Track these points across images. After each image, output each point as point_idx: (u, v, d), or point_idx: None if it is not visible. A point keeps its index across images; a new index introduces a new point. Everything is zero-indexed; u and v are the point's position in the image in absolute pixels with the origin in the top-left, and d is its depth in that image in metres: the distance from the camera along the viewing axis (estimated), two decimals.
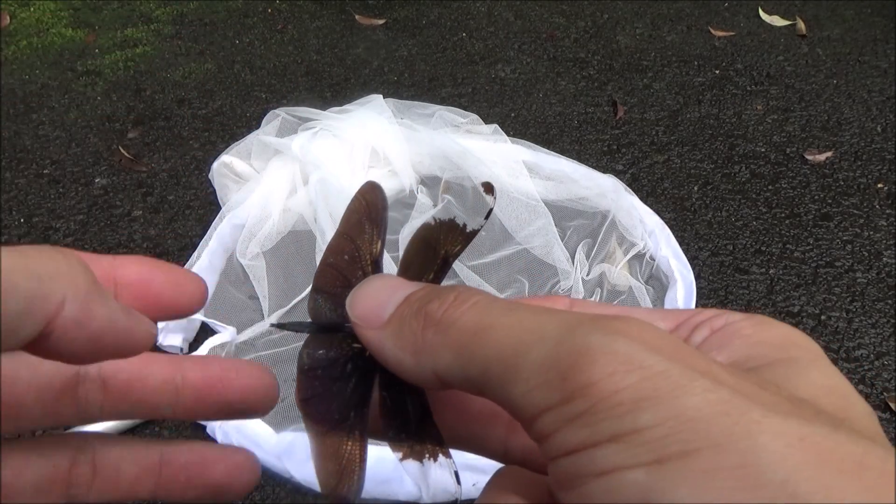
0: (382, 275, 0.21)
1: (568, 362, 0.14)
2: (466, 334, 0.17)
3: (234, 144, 1.22)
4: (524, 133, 1.37)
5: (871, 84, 1.54)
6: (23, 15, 1.79)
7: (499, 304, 0.17)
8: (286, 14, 1.80)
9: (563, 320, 0.16)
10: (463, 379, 0.17)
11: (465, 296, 0.17)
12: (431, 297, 0.18)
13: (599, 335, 0.15)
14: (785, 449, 0.13)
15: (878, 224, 1.21)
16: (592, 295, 1.05)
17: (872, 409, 0.16)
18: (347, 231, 0.22)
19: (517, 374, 0.15)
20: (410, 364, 0.18)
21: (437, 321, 0.17)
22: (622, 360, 0.14)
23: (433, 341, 0.17)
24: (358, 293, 0.20)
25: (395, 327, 0.18)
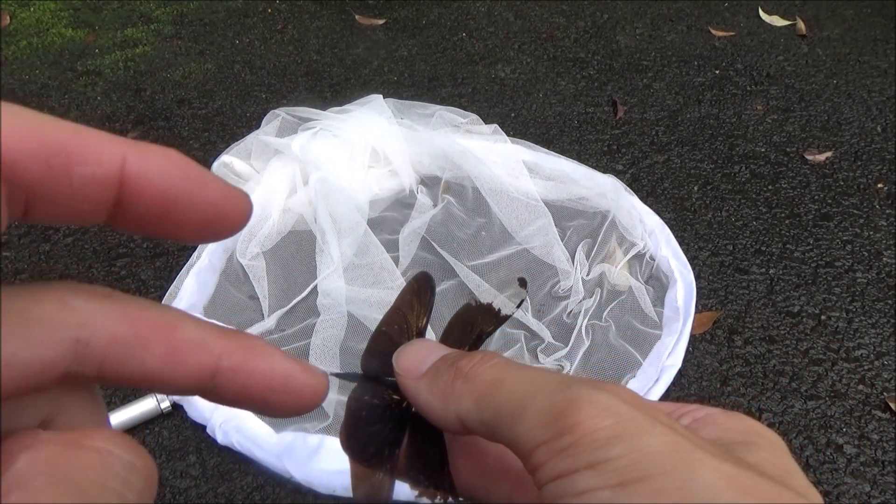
0: (424, 339, 0.25)
1: (561, 407, 0.18)
2: (485, 385, 0.20)
3: (234, 144, 1.22)
4: (524, 133, 1.37)
5: (871, 84, 1.54)
6: (23, 15, 1.78)
7: (514, 365, 0.21)
8: (286, 14, 1.80)
9: (562, 379, 0.19)
10: (479, 421, 0.20)
11: (489, 357, 0.22)
12: (462, 356, 0.22)
13: (588, 389, 0.18)
14: (716, 480, 0.16)
15: (878, 224, 1.21)
16: (592, 295, 1.05)
17: (816, 492, 0.19)
18: (400, 307, 0.27)
19: (522, 416, 0.19)
20: (439, 408, 0.21)
21: (465, 374, 0.21)
22: (602, 408, 0.18)
23: (459, 390, 0.21)
24: (403, 350, 0.24)
25: (431, 378, 0.22)
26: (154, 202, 0.14)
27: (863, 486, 0.86)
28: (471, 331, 0.26)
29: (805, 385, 0.97)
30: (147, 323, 0.15)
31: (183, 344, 0.15)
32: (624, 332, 1.01)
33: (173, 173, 0.14)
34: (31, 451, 0.13)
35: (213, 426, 0.86)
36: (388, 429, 0.24)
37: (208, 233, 0.16)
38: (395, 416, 0.24)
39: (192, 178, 0.15)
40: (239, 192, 0.16)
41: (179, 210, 0.15)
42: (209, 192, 0.15)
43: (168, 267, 1.11)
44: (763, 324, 1.05)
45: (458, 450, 0.24)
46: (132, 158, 0.14)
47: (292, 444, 0.83)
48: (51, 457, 0.13)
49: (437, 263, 1.10)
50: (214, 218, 0.15)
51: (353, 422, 0.24)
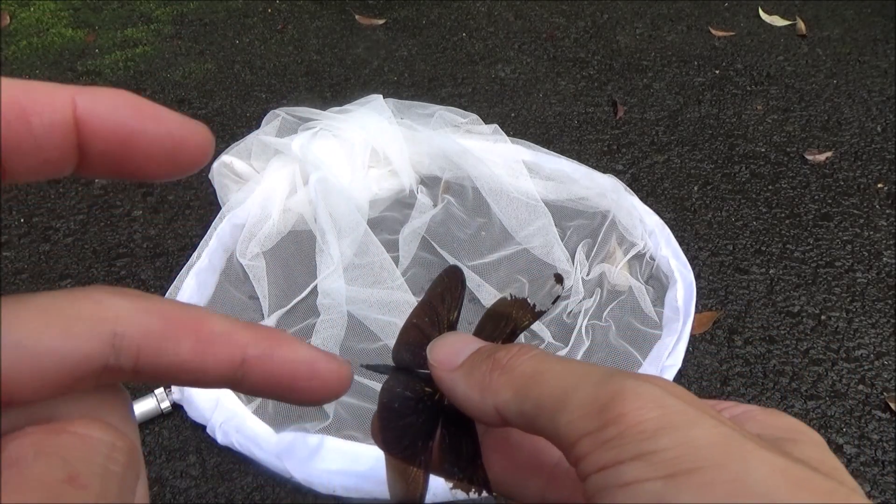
0: (458, 332, 0.25)
1: (606, 398, 0.18)
2: (525, 376, 0.20)
3: (234, 144, 1.22)
4: (524, 133, 1.37)
5: (871, 84, 1.54)
6: (23, 15, 1.78)
7: (554, 357, 0.21)
8: (286, 14, 1.80)
9: (605, 370, 0.19)
10: (518, 413, 0.20)
11: (527, 348, 0.22)
12: (499, 348, 0.22)
13: (632, 380, 0.18)
14: (769, 472, 0.16)
15: (878, 224, 1.21)
16: (592, 295, 1.05)
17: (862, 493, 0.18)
18: (431, 300, 0.27)
19: (564, 407, 0.19)
20: (476, 399, 0.21)
21: (503, 366, 0.21)
22: (648, 399, 0.18)
23: (498, 381, 0.21)
24: (437, 342, 0.24)
25: (467, 369, 0.22)
26: (111, 139, 0.15)
27: (863, 486, 0.86)
28: (505, 325, 0.26)
29: (805, 385, 0.97)
30: (176, 318, 0.16)
31: (211, 336, 0.16)
32: (624, 332, 1.01)
33: (124, 109, 0.15)
34: (18, 438, 0.14)
35: (213, 426, 0.86)
36: (421, 421, 0.24)
37: (172, 166, 0.16)
38: (428, 408, 0.24)
39: (144, 112, 0.15)
40: (196, 123, 0.16)
41: (138, 145, 0.15)
42: (165, 125, 0.15)
43: (168, 267, 1.11)
44: (763, 324, 1.05)
45: (489, 443, 0.24)
46: (81, 100, 0.14)
47: (292, 444, 0.83)
48: (36, 440, 0.14)
49: (437, 263, 1.10)
50: (174, 149, 0.15)
51: (386, 414, 0.24)
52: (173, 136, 0.15)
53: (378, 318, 0.99)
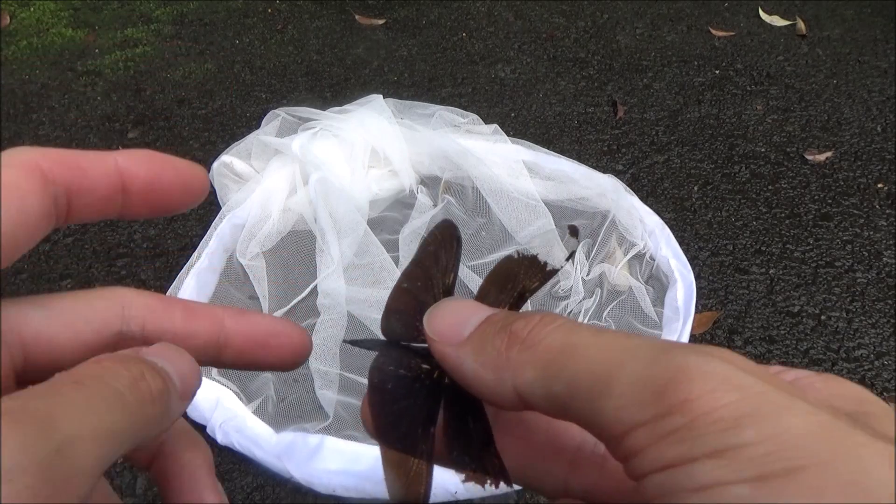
0: (460, 297, 0.21)
1: (664, 379, 0.15)
2: (553, 352, 0.17)
3: (234, 144, 1.22)
4: (524, 133, 1.37)
5: (871, 84, 1.54)
6: (23, 15, 1.78)
7: (585, 327, 0.17)
8: (286, 14, 1.80)
9: (655, 342, 0.16)
10: (545, 396, 0.17)
11: (550, 318, 0.18)
12: (516, 318, 0.18)
13: (695, 356, 0.15)
14: (893, 471, 0.13)
15: (878, 224, 1.21)
16: (592, 295, 1.05)
17: None
18: (423, 260, 0.23)
19: (609, 390, 0.15)
20: (491, 380, 0.18)
21: (523, 339, 0.18)
22: (721, 380, 0.14)
23: (518, 359, 0.18)
24: (436, 311, 0.20)
25: (477, 344, 0.19)
26: (142, 180, 0.19)
27: None
28: (511, 288, 0.22)
29: None
30: (168, 298, 0.21)
31: (196, 308, 0.21)
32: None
33: (150, 159, 0.20)
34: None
35: (214, 426, 0.86)
36: (420, 404, 0.20)
37: (185, 197, 0.20)
38: (427, 388, 0.21)
39: (163, 160, 0.20)
40: (200, 170, 0.21)
41: (161, 184, 0.20)
42: (177, 167, 0.20)
43: (168, 267, 1.11)
44: (763, 324, 1.05)
45: (500, 425, 0.21)
46: (121, 157, 0.19)
47: (292, 444, 0.83)
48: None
49: None
50: (184, 186, 0.20)
51: (378, 398, 0.20)
52: (183, 176, 0.20)
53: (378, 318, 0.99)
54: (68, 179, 0.18)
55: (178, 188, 0.20)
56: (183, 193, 0.20)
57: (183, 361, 0.19)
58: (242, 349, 0.21)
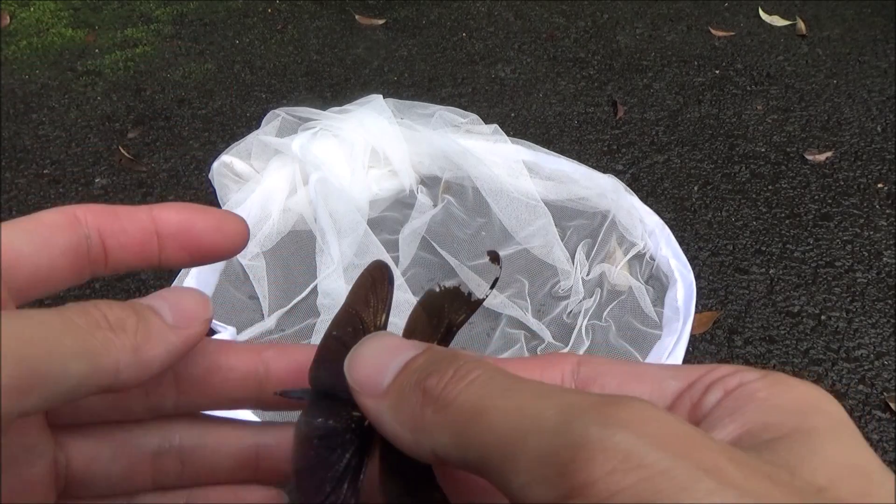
0: (383, 333, 0.20)
1: (566, 457, 0.14)
2: (464, 416, 0.16)
3: (234, 144, 1.22)
4: (524, 133, 1.37)
5: (871, 84, 1.54)
6: (23, 15, 1.78)
7: (498, 383, 0.16)
8: (286, 14, 1.80)
9: (562, 407, 0.15)
10: (462, 462, 0.16)
11: (464, 371, 0.17)
12: (430, 371, 0.17)
13: (598, 427, 0.14)
14: None
15: (878, 224, 1.21)
16: (592, 295, 1.05)
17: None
18: (353, 304, 0.23)
19: (515, 465, 0.15)
20: (409, 441, 0.17)
21: (436, 398, 0.17)
22: (622, 458, 0.13)
23: (432, 420, 0.17)
24: (356, 355, 0.19)
25: (395, 399, 0.18)
26: (175, 225, 0.20)
27: None
28: (438, 323, 0.22)
29: None
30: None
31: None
32: (624, 332, 1.01)
33: (181, 206, 0.20)
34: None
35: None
36: (349, 455, 0.19)
37: (221, 242, 0.21)
38: (359, 436, 0.20)
39: (195, 208, 0.21)
40: (235, 215, 0.21)
41: (195, 228, 0.20)
42: (209, 212, 0.21)
43: None
44: (763, 324, 1.05)
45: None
46: (155, 209, 0.20)
47: None
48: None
49: (437, 263, 1.10)
50: (219, 230, 0.21)
51: (303, 452, 0.19)
52: (216, 221, 0.21)
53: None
54: (100, 222, 0.19)
55: (211, 231, 0.20)
56: (218, 236, 0.21)
57: (174, 293, 0.19)
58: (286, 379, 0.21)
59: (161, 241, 0.20)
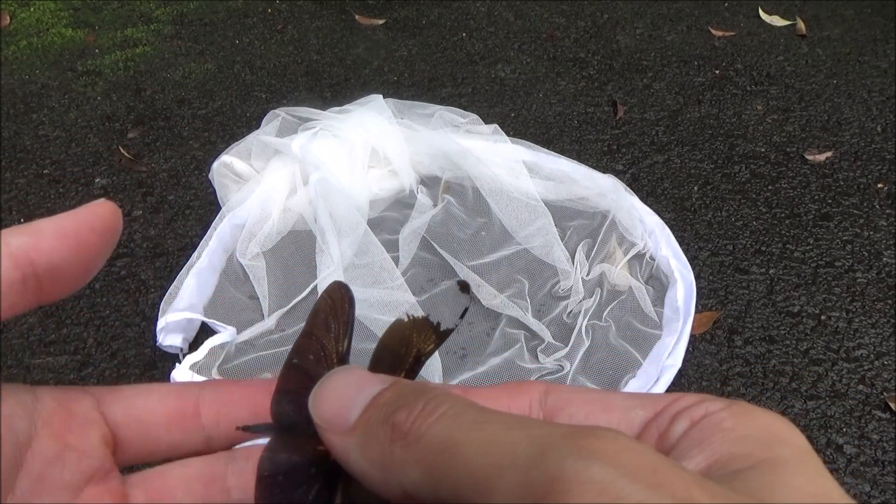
0: (348, 367, 0.20)
1: (541, 490, 0.14)
2: (435, 451, 0.16)
3: (234, 144, 1.22)
4: (524, 133, 1.37)
5: (871, 84, 1.54)
6: (23, 15, 1.78)
7: (468, 416, 0.16)
8: (286, 14, 1.80)
9: (536, 439, 0.15)
10: (434, 498, 0.16)
11: (433, 405, 0.16)
12: (399, 405, 0.17)
13: (573, 460, 0.14)
14: None
15: (878, 224, 1.21)
16: (592, 295, 1.05)
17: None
18: (312, 330, 0.22)
19: (489, 499, 0.14)
20: (378, 479, 0.17)
21: (405, 433, 0.16)
22: (599, 490, 0.13)
23: (401, 456, 0.16)
24: (321, 389, 0.19)
25: (362, 436, 0.17)
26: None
27: (863, 486, 0.86)
28: (405, 353, 0.21)
29: (805, 385, 0.97)
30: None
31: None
32: (624, 332, 1.01)
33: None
34: None
35: None
36: (315, 492, 0.19)
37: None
38: (324, 471, 0.19)
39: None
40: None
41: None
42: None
43: (168, 267, 1.11)
44: (763, 324, 1.05)
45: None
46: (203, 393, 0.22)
47: None
48: None
49: (437, 263, 1.10)
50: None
51: (267, 491, 0.19)
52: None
53: (378, 318, 0.99)
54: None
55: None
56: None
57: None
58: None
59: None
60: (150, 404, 0.21)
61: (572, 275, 1.06)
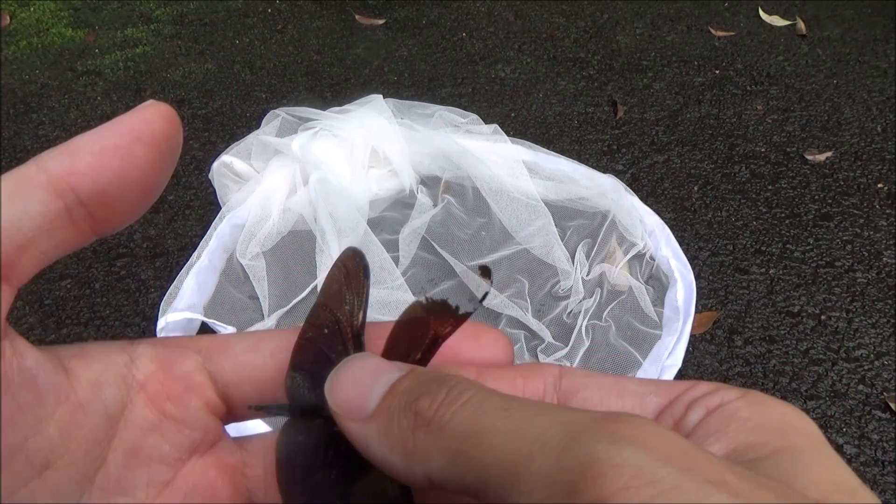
0: (363, 355, 0.19)
1: (574, 475, 0.13)
2: (461, 438, 0.15)
3: (234, 144, 1.22)
4: (524, 133, 1.37)
5: (871, 84, 1.54)
6: (23, 15, 1.78)
7: (493, 403, 0.16)
8: (286, 14, 1.80)
9: (564, 425, 0.15)
10: (459, 485, 0.15)
11: (457, 392, 0.16)
12: (421, 392, 0.17)
13: (605, 444, 0.14)
14: None
15: (878, 224, 1.21)
16: (592, 295, 1.05)
17: (879, 502, 0.15)
18: (327, 302, 0.21)
19: (519, 486, 0.14)
20: (401, 466, 0.16)
21: (429, 420, 0.16)
22: (633, 474, 0.13)
23: (425, 443, 0.16)
24: (337, 377, 0.18)
25: (383, 423, 0.17)
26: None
27: None
28: (422, 335, 0.20)
29: (805, 385, 0.97)
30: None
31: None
32: (624, 332, 1.01)
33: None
34: None
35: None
36: (335, 475, 0.18)
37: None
38: (341, 454, 0.18)
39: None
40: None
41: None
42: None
43: (168, 267, 1.11)
44: (763, 324, 1.05)
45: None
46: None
47: None
48: None
49: (437, 263, 1.10)
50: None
51: (288, 474, 0.18)
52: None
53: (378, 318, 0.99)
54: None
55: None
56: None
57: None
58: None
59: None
60: (259, 360, 0.20)
61: (572, 275, 1.07)
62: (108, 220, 0.17)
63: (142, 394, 0.18)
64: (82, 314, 1.05)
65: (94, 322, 1.03)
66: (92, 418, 0.17)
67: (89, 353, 0.18)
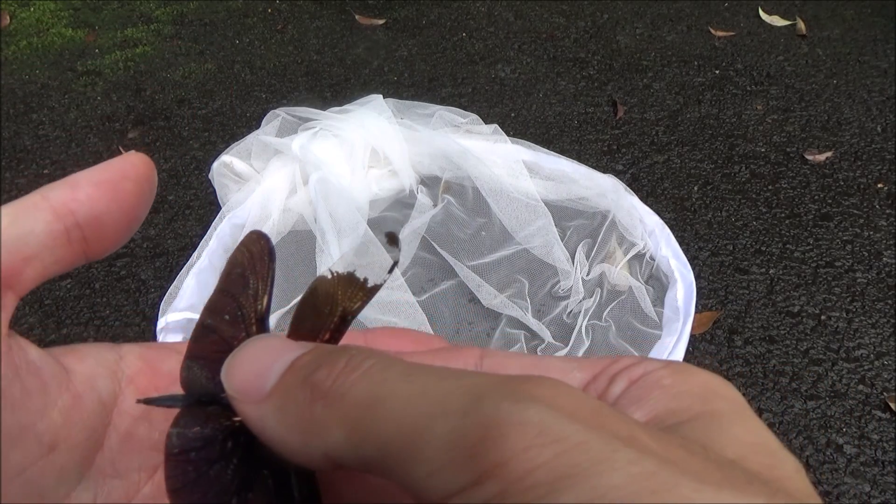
0: (265, 335, 0.18)
1: (476, 437, 0.13)
2: (359, 407, 0.14)
3: (234, 144, 1.22)
4: (524, 133, 1.37)
5: (871, 84, 1.54)
6: (23, 15, 1.78)
7: (396, 370, 0.15)
8: (286, 14, 1.80)
9: (469, 387, 0.14)
10: (358, 459, 0.14)
11: (358, 360, 0.15)
12: (320, 363, 0.16)
13: (509, 403, 0.13)
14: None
15: (878, 224, 1.21)
16: (592, 295, 1.05)
17: (800, 465, 0.15)
18: (227, 287, 0.19)
19: (419, 454, 0.13)
20: (297, 445, 0.15)
21: (327, 392, 0.15)
22: (536, 432, 0.12)
23: (322, 416, 0.15)
24: (235, 359, 0.17)
25: (279, 401, 0.16)
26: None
27: (863, 486, 0.86)
28: (330, 312, 0.19)
29: (805, 385, 0.97)
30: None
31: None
32: (624, 332, 1.01)
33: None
34: None
35: None
36: (233, 467, 0.17)
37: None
38: (241, 445, 0.17)
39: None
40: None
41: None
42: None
43: (168, 267, 1.11)
44: (763, 324, 1.05)
45: (338, 474, 0.18)
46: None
47: None
48: None
49: (437, 263, 1.10)
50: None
51: (178, 469, 0.17)
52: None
53: (378, 318, 0.99)
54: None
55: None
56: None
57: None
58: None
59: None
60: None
61: (572, 275, 1.07)
62: (98, 244, 0.19)
63: (131, 386, 0.19)
64: (82, 314, 1.05)
65: (94, 322, 1.03)
66: (89, 406, 0.18)
67: (81, 351, 0.19)
